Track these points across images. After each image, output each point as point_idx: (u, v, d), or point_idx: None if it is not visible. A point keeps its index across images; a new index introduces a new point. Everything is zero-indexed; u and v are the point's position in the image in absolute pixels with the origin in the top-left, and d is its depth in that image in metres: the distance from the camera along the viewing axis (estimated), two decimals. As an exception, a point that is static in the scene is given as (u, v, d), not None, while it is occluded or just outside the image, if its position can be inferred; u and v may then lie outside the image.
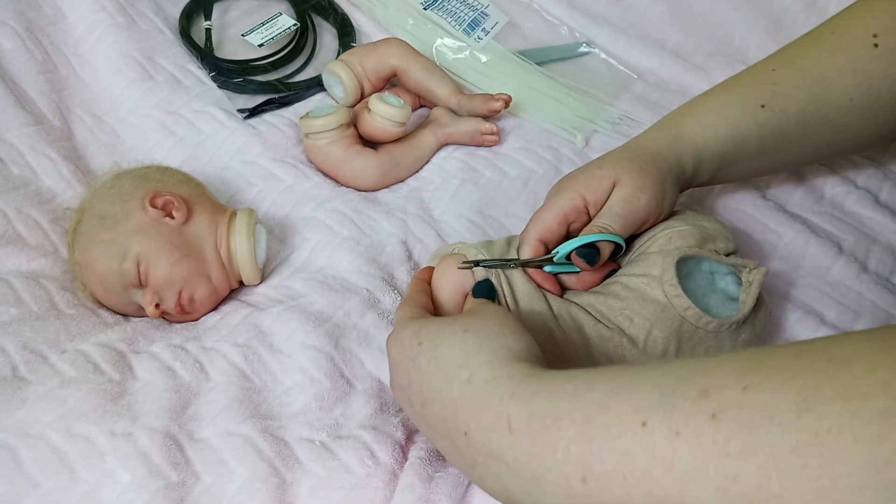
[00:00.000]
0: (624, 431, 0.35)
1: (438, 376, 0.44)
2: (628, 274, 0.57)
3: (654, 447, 0.34)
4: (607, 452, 0.35)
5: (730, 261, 0.57)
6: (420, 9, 0.89)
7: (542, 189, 0.74)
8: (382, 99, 0.74)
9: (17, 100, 0.73)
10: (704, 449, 0.32)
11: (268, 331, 0.60)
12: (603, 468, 0.35)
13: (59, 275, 0.64)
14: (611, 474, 0.35)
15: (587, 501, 0.36)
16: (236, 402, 0.54)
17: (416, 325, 0.48)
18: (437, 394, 0.44)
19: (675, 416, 0.34)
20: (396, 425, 0.55)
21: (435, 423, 0.45)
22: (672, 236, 0.58)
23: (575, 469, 0.36)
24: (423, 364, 0.45)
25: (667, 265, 0.55)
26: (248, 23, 0.87)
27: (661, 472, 0.33)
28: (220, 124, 0.77)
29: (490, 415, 0.40)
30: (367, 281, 0.65)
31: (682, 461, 0.32)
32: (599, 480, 0.35)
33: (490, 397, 0.41)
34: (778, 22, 0.94)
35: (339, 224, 0.69)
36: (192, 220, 0.65)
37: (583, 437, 0.36)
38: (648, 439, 0.34)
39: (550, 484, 0.37)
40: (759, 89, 0.62)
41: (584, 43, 0.92)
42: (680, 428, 0.33)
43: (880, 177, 0.77)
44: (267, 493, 0.50)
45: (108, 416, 0.52)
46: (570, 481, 0.36)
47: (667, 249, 0.57)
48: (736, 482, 0.31)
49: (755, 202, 0.73)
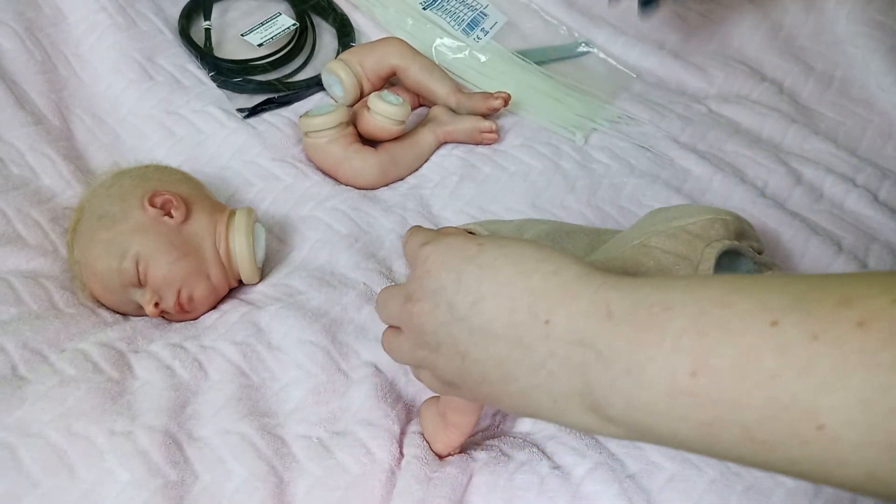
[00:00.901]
0: (748, 328, 0.31)
1: (510, 270, 0.39)
2: (662, 248, 0.54)
3: (785, 348, 0.30)
4: (727, 347, 0.31)
5: (763, 259, 0.56)
6: (419, 9, 0.89)
7: (541, 184, 0.75)
8: (382, 97, 0.74)
9: (16, 100, 0.73)
10: (849, 357, 0.29)
11: (266, 328, 0.60)
12: (719, 363, 0.31)
13: (59, 274, 0.64)
14: (728, 371, 0.31)
15: (691, 400, 0.32)
16: (234, 401, 0.54)
17: (464, 235, 0.44)
18: (505, 287, 0.39)
19: (811, 321, 0.30)
20: (392, 417, 0.55)
21: (489, 321, 0.39)
22: (715, 222, 0.55)
23: (684, 361, 0.32)
24: (486, 260, 0.40)
25: (708, 255, 0.52)
26: (248, 23, 0.87)
27: (792, 375, 0.30)
28: (220, 124, 0.77)
29: (584, 301, 0.36)
30: (365, 275, 0.65)
31: (819, 367, 0.29)
32: (712, 376, 0.32)
33: (584, 287, 0.37)
34: (777, 22, 0.94)
35: (338, 222, 0.69)
36: (191, 220, 0.65)
37: (697, 328, 0.32)
38: (780, 339, 0.30)
39: (651, 375, 0.33)
40: None
41: (583, 43, 0.92)
42: (818, 332, 0.30)
43: (879, 175, 0.77)
44: (265, 492, 0.50)
45: (107, 415, 0.52)
46: (677, 374, 0.32)
47: (708, 236, 0.54)
48: (885, 395, 0.28)
49: (754, 200, 0.73)
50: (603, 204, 0.73)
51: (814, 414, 0.29)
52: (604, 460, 0.52)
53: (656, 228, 0.55)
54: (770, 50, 0.91)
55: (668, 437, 0.34)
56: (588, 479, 0.52)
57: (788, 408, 0.30)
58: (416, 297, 0.43)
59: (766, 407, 0.30)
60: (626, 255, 0.55)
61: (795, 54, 0.91)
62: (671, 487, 0.51)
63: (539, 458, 0.53)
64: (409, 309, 0.43)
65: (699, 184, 0.75)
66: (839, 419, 0.29)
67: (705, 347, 0.32)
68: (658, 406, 0.33)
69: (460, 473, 0.53)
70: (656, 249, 0.54)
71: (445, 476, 0.52)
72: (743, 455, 0.32)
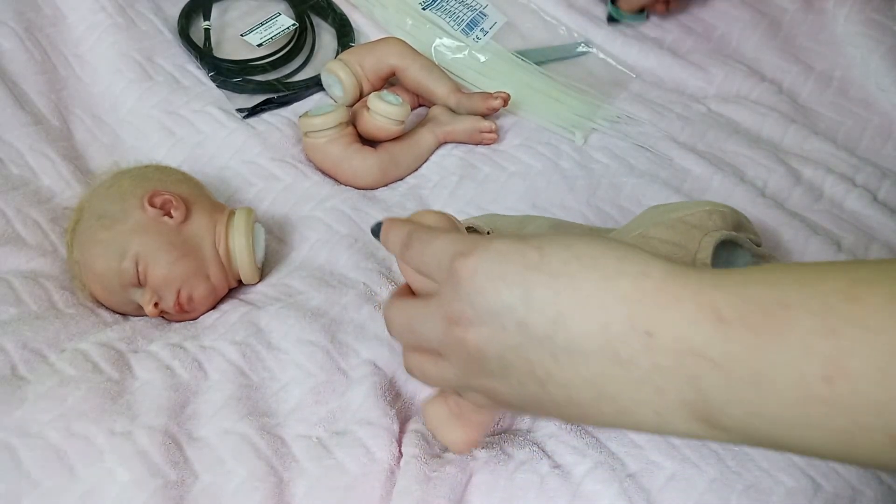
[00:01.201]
0: (887, 326, 0.28)
1: (592, 276, 0.34)
2: (660, 238, 0.54)
3: None
4: (865, 347, 0.28)
5: (760, 251, 0.56)
6: (419, 9, 0.89)
7: (541, 184, 0.75)
8: (381, 97, 0.74)
9: (16, 100, 0.73)
10: None
11: (265, 328, 0.60)
12: (859, 365, 0.28)
13: (59, 274, 0.64)
14: (869, 374, 0.28)
15: (826, 408, 0.29)
16: (234, 400, 0.54)
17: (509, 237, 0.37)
18: (591, 297, 0.34)
19: None
20: (392, 416, 0.55)
21: (577, 338, 0.34)
22: (713, 213, 0.55)
23: (816, 365, 0.29)
24: (556, 267, 0.35)
25: (706, 244, 0.53)
26: (247, 23, 0.87)
27: None
28: (220, 124, 0.77)
29: (688, 305, 0.32)
30: (364, 275, 0.65)
31: None
32: (851, 381, 0.28)
33: (682, 288, 0.33)
34: (776, 21, 0.94)
35: (338, 222, 0.69)
36: (191, 220, 0.65)
37: (826, 328, 0.29)
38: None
39: (777, 384, 0.30)
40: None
41: (583, 43, 0.92)
42: None
43: (879, 175, 0.77)
44: (265, 492, 0.50)
45: (107, 415, 0.52)
46: (808, 380, 0.29)
47: (706, 226, 0.54)
48: None
49: (754, 200, 0.73)
50: (602, 204, 0.73)
51: None
52: (604, 459, 0.52)
53: (655, 220, 0.56)
54: (769, 50, 0.91)
55: (795, 444, 0.32)
56: (588, 478, 0.52)
57: None
58: (467, 319, 0.36)
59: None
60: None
61: (795, 54, 0.91)
62: (671, 486, 0.51)
63: (539, 458, 0.53)
64: (460, 335, 0.37)
65: (699, 183, 0.75)
66: None
67: (840, 348, 0.29)
68: (786, 414, 0.30)
69: (460, 473, 0.53)
70: (654, 239, 0.54)
71: (445, 475, 0.52)
72: (888, 461, 0.30)
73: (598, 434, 0.54)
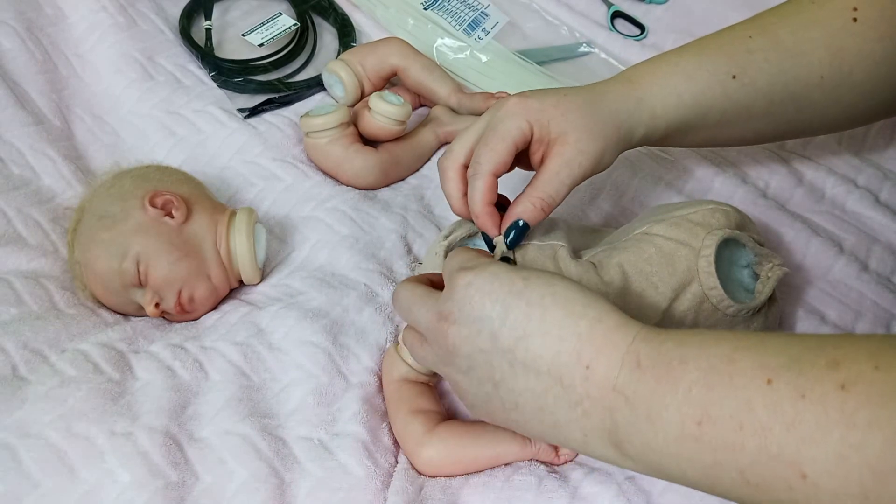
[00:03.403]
0: (748, 384, 0.36)
1: (560, 312, 0.42)
2: (664, 235, 0.55)
3: (777, 404, 0.34)
4: (728, 400, 0.36)
5: (763, 251, 0.57)
6: (420, 9, 0.89)
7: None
8: (382, 97, 0.74)
9: (17, 100, 0.73)
10: (830, 415, 0.33)
11: (266, 329, 0.60)
12: (721, 413, 0.36)
13: (59, 274, 0.64)
14: (727, 421, 0.36)
15: (696, 445, 0.37)
16: (235, 401, 0.54)
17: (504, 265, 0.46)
18: (554, 329, 0.42)
19: (801, 380, 0.34)
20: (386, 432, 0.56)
21: (534, 358, 0.42)
22: (716, 212, 0.56)
23: (693, 410, 0.37)
24: (534, 297, 0.43)
25: (709, 241, 0.54)
26: (249, 23, 0.87)
27: (781, 429, 0.34)
28: (221, 124, 0.77)
29: (621, 351, 0.41)
30: (365, 276, 0.65)
31: (804, 423, 0.33)
32: (715, 425, 0.36)
33: (622, 338, 0.41)
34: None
35: (339, 223, 0.69)
36: (192, 220, 0.65)
37: (706, 382, 0.37)
38: (772, 396, 0.35)
39: (665, 421, 0.38)
40: (733, 57, 0.59)
41: (584, 43, 0.92)
42: (806, 391, 0.34)
43: (881, 177, 0.77)
44: (266, 493, 0.50)
45: (107, 416, 0.52)
46: (685, 420, 0.37)
47: (709, 224, 0.55)
48: (858, 451, 0.32)
49: (755, 201, 0.73)
50: (604, 204, 0.73)
51: (798, 464, 0.33)
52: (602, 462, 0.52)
53: (658, 218, 0.56)
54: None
55: (677, 476, 0.39)
56: (586, 480, 0.52)
57: (777, 457, 0.34)
58: (453, 318, 0.45)
59: (758, 455, 0.35)
60: (627, 245, 0.55)
61: (797, 55, 0.91)
62: (673, 489, 0.51)
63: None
64: (444, 328, 0.45)
65: (700, 184, 0.75)
66: (819, 470, 0.33)
67: (711, 399, 0.36)
68: (669, 448, 0.38)
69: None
70: (658, 237, 0.55)
71: (437, 480, 0.53)
72: (741, 496, 0.37)
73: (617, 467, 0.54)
